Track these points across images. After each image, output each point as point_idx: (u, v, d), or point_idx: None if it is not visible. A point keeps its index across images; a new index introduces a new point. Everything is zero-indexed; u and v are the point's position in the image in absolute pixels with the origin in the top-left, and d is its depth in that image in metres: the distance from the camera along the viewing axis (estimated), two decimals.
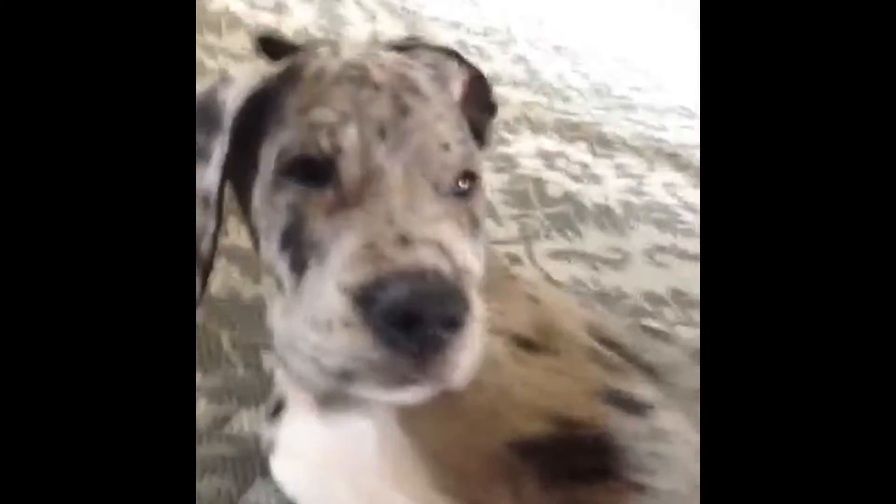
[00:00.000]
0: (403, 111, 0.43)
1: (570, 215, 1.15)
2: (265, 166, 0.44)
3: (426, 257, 0.36)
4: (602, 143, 1.47)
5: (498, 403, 0.41)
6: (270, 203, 0.43)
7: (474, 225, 0.45)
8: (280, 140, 0.43)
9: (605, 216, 1.19)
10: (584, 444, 0.40)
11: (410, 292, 0.34)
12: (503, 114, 1.41)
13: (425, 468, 0.42)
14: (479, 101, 0.53)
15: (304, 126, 0.42)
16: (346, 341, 0.36)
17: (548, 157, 1.31)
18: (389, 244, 0.36)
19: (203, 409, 0.62)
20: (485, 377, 0.41)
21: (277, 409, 0.51)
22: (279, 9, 1.43)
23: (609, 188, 1.29)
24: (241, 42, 1.25)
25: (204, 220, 0.44)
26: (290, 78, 0.45)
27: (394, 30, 1.62)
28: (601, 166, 1.37)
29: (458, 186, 0.44)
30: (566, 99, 1.64)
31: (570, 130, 1.48)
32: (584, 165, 1.34)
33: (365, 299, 0.35)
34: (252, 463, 0.56)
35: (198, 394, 0.62)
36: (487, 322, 0.44)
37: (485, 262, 0.53)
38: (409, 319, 0.34)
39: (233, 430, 0.61)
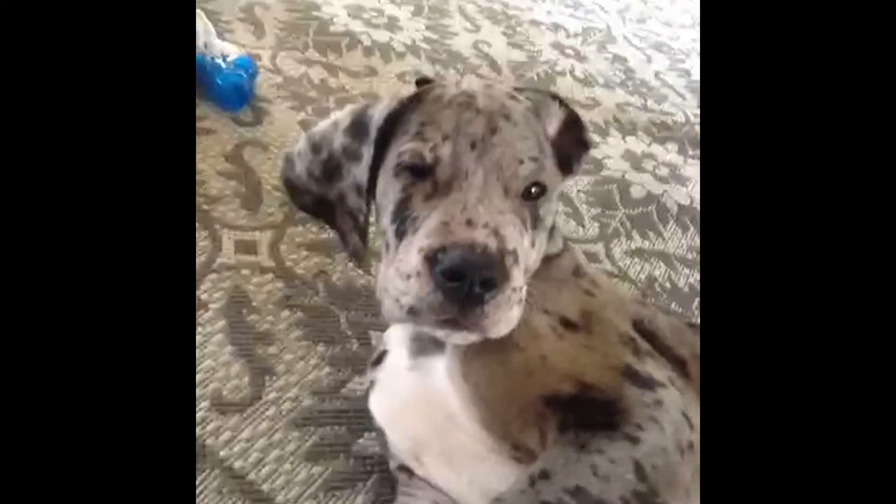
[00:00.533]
0: (493, 130, 0.57)
1: (652, 216, 1.21)
2: (390, 161, 0.59)
3: (479, 236, 0.50)
4: (694, 143, 1.49)
5: (536, 365, 0.52)
6: (389, 185, 0.58)
7: (537, 223, 0.58)
8: (402, 144, 0.58)
9: (687, 217, 1.24)
10: (596, 403, 0.50)
11: (460, 257, 0.48)
12: (594, 116, 1.48)
13: (477, 409, 0.55)
14: (572, 138, 0.66)
15: (418, 139, 0.57)
16: (417, 287, 0.50)
17: (635, 159, 1.36)
18: (458, 224, 0.51)
19: (326, 373, 0.78)
20: (528, 344, 0.53)
21: (379, 359, 0.65)
22: (392, 25, 1.58)
23: (695, 189, 1.33)
24: (358, 61, 1.41)
25: (357, 203, 0.62)
26: (417, 100, 0.61)
27: (495, 35, 1.72)
28: (690, 167, 1.40)
29: (528, 192, 0.57)
30: (662, 98, 1.66)
31: (662, 131, 1.51)
32: (673, 166, 1.38)
33: (432, 259, 0.49)
34: (363, 417, 0.71)
35: (322, 362, 0.79)
36: (540, 303, 0.56)
37: (557, 258, 0.65)
38: (457, 275, 0.48)
39: (348, 390, 0.77)
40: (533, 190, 0.57)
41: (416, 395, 0.60)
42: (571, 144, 0.66)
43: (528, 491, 0.47)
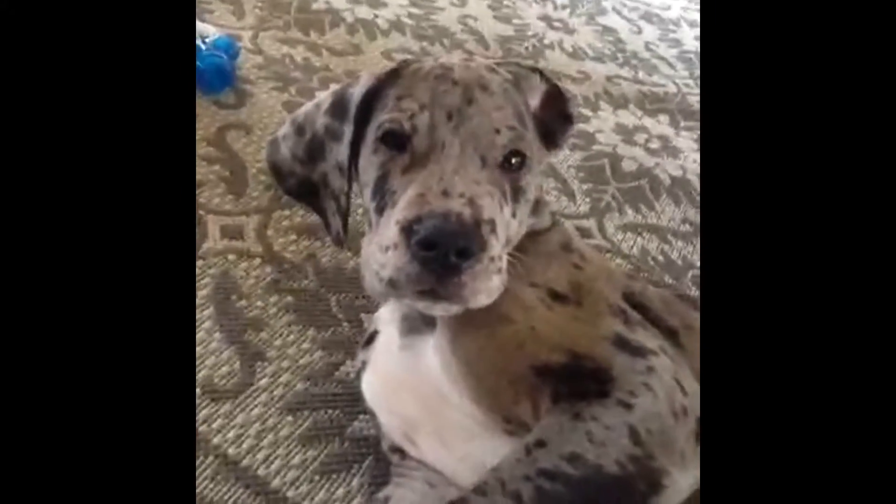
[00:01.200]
0: (469, 101, 0.56)
1: (644, 190, 1.20)
2: (369, 136, 0.59)
3: (454, 205, 0.50)
4: (686, 114, 1.48)
5: (526, 337, 0.52)
6: (369, 162, 0.58)
7: (517, 193, 0.58)
8: (380, 118, 0.58)
9: (680, 189, 1.23)
10: (587, 372, 0.50)
11: (434, 226, 0.48)
12: (584, 90, 1.46)
13: (468, 384, 0.54)
14: (556, 111, 0.65)
15: (395, 109, 0.57)
16: (394, 258, 0.50)
17: (626, 132, 1.35)
18: (434, 195, 0.51)
19: (318, 357, 0.77)
20: (518, 316, 0.53)
21: (370, 339, 0.65)
22: (375, 1, 1.55)
23: (688, 161, 1.32)
24: (341, 39, 1.38)
25: (340, 183, 0.63)
26: (396, 75, 0.61)
27: (481, 9, 1.69)
28: (682, 139, 1.38)
29: (508, 163, 0.57)
30: (652, 70, 1.64)
31: (653, 103, 1.49)
32: (664, 139, 1.37)
33: (408, 230, 0.49)
34: (356, 400, 0.70)
35: (313, 346, 0.78)
36: (529, 276, 0.55)
37: (546, 233, 0.64)
38: (431, 245, 0.48)
39: (341, 374, 0.76)
40: (513, 161, 0.57)
41: (407, 375, 0.59)
42: (555, 118, 0.65)
43: (524, 460, 0.47)
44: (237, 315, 0.78)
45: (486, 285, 0.51)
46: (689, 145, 1.37)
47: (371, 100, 0.61)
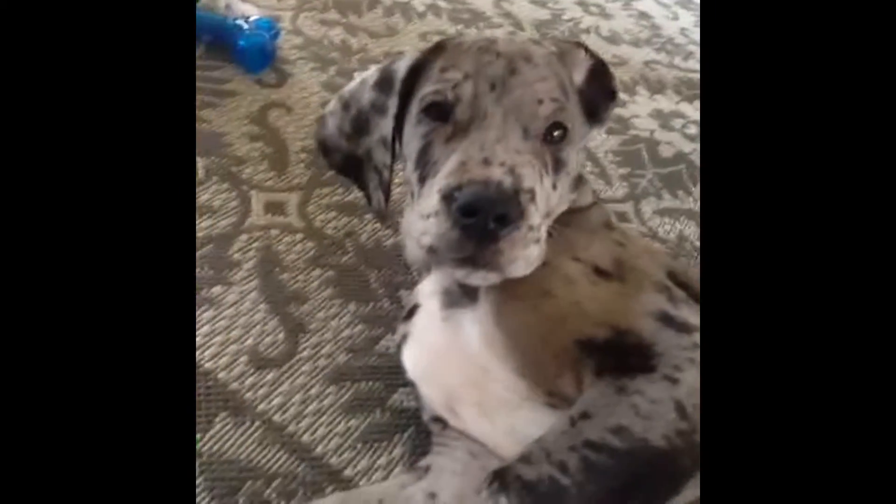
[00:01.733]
0: (512, 72, 0.57)
1: (681, 175, 1.19)
2: (413, 109, 0.60)
3: (495, 173, 0.50)
4: None
5: (570, 311, 0.52)
6: (413, 133, 0.59)
7: (558, 165, 0.58)
8: (424, 90, 0.59)
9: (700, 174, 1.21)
10: (631, 347, 0.50)
11: (474, 193, 0.49)
12: (621, 75, 1.44)
13: (512, 357, 0.55)
14: (600, 86, 0.65)
15: (439, 81, 0.58)
16: (435, 225, 0.51)
17: (663, 118, 1.33)
18: (475, 163, 0.51)
19: (358, 331, 0.79)
20: (561, 291, 0.53)
21: (411, 312, 0.66)
22: None
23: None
24: (378, 21, 1.39)
25: (383, 156, 0.64)
26: (439, 49, 0.62)
27: None
28: None
29: (549, 134, 0.57)
30: (688, 55, 1.62)
31: (690, 88, 1.47)
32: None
33: (449, 197, 0.50)
34: (397, 373, 0.71)
35: (354, 319, 0.80)
36: (572, 251, 0.56)
37: (587, 210, 0.64)
38: (471, 211, 0.49)
39: (381, 347, 0.77)
40: (555, 133, 0.57)
41: (449, 347, 0.60)
42: (599, 94, 0.65)
43: (569, 431, 0.47)
44: (281, 288, 0.80)
45: (524, 254, 0.51)
46: None
47: (416, 74, 0.61)
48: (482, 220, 0.49)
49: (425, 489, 0.59)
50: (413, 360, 0.64)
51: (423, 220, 0.52)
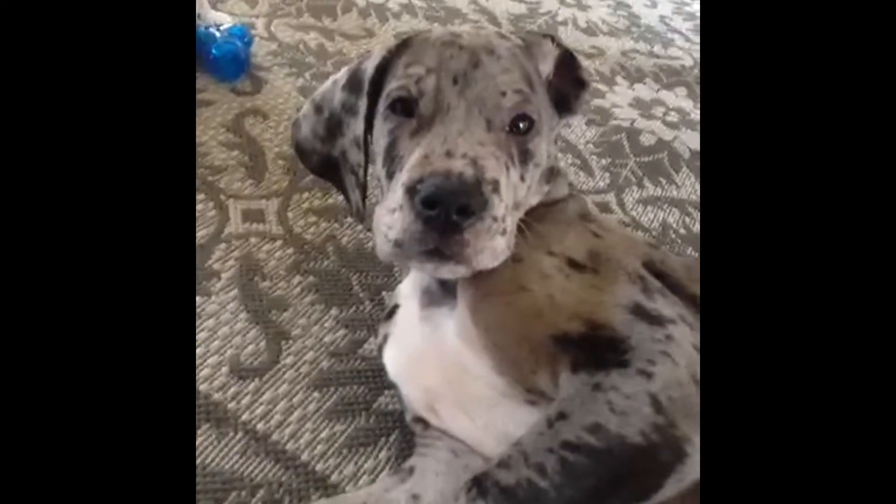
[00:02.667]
0: (475, 65, 0.57)
1: (663, 163, 1.19)
2: (381, 106, 0.60)
3: (456, 165, 0.51)
4: None
5: (544, 306, 0.52)
6: (381, 130, 0.59)
7: (525, 156, 0.58)
8: (389, 87, 0.59)
9: (699, 161, 1.21)
10: (606, 341, 0.49)
11: (435, 185, 0.49)
12: (599, 66, 1.44)
13: (489, 355, 0.54)
14: (569, 77, 0.65)
15: (403, 76, 0.58)
16: (400, 219, 0.51)
17: (643, 106, 1.33)
18: (438, 156, 0.52)
19: (341, 335, 0.78)
20: (535, 285, 0.53)
21: (391, 313, 0.66)
22: None
23: None
24: (354, 23, 1.38)
25: (357, 157, 0.64)
26: (404, 46, 0.62)
27: None
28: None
29: (514, 126, 0.57)
30: (668, 43, 1.62)
31: (670, 76, 1.47)
32: (682, 111, 1.34)
33: (412, 190, 0.50)
34: (381, 376, 0.71)
35: (336, 324, 0.79)
36: (546, 244, 0.55)
37: (563, 203, 0.64)
38: (433, 203, 0.49)
39: (365, 351, 0.77)
40: (521, 125, 0.57)
41: (428, 346, 0.60)
42: (568, 83, 0.65)
43: (546, 432, 0.46)
44: (261, 296, 0.80)
45: (489, 245, 0.51)
46: None
47: (383, 72, 0.61)
48: (444, 211, 0.49)
49: (409, 491, 0.59)
50: (393, 360, 0.64)
51: (389, 215, 0.52)
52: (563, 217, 0.62)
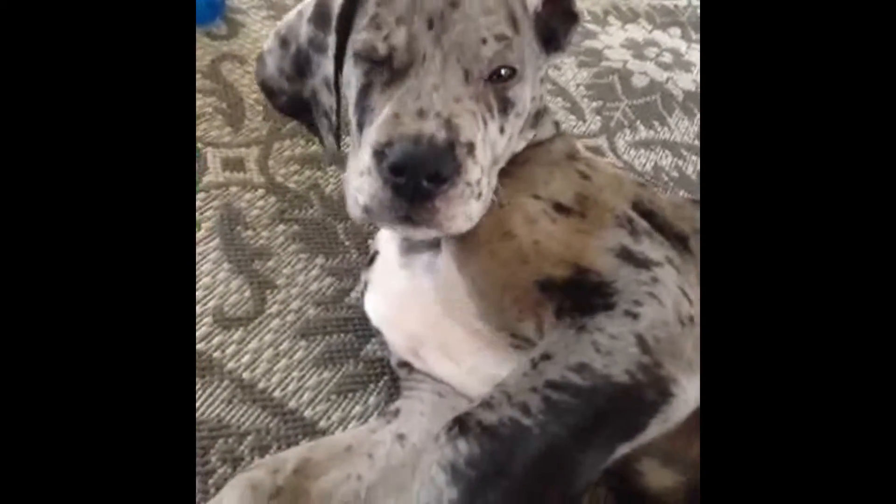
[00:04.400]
0: (453, 4, 0.51)
1: (656, 105, 1.15)
2: (350, 48, 0.55)
3: (427, 128, 0.47)
4: (698, 26, 1.40)
5: (529, 251, 0.50)
6: (351, 73, 0.55)
7: (505, 105, 0.54)
8: (360, 32, 0.53)
9: (693, 103, 1.18)
10: (591, 285, 0.48)
11: (404, 151, 0.46)
12: (591, 6, 1.39)
13: (473, 301, 0.53)
14: (558, 8, 0.60)
15: (371, 26, 0.52)
16: (368, 183, 0.48)
17: (636, 48, 1.29)
18: (409, 115, 0.48)
19: (327, 284, 0.77)
20: (521, 230, 0.51)
21: (372, 259, 0.64)
22: None
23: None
24: None
25: (328, 99, 0.59)
26: None
27: None
28: (695, 52, 1.32)
29: (494, 74, 0.52)
30: None
31: (664, 16, 1.42)
32: (677, 53, 1.30)
33: (380, 154, 0.47)
34: (368, 323, 0.70)
35: (322, 273, 0.78)
36: (531, 188, 0.53)
37: (548, 143, 0.61)
38: (402, 170, 0.46)
39: (351, 299, 0.76)
40: (502, 72, 0.53)
41: (409, 293, 0.58)
42: (558, 16, 0.60)
43: (530, 373, 0.45)
44: (244, 245, 0.78)
45: (462, 210, 0.48)
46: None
47: (353, 5, 0.56)
48: (413, 178, 0.46)
49: (394, 431, 0.58)
50: (375, 306, 0.63)
51: (357, 177, 0.49)
52: (548, 158, 0.59)
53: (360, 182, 0.49)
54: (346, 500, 0.55)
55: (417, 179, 0.46)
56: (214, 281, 0.73)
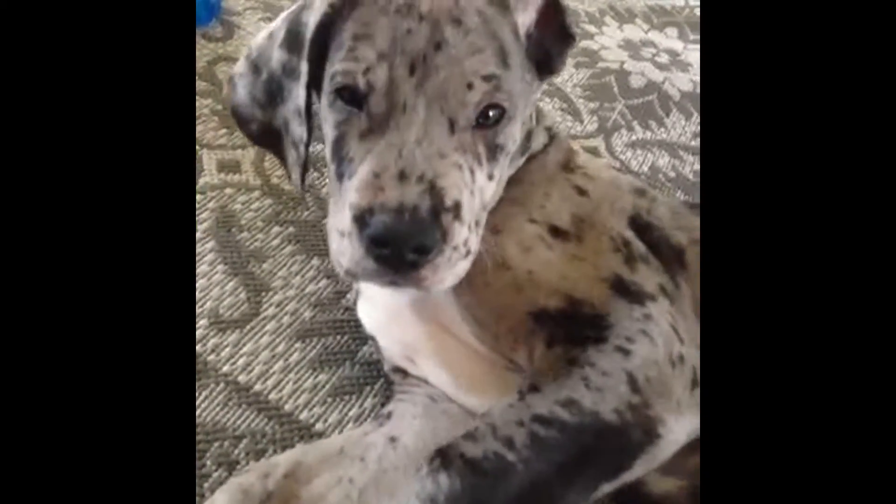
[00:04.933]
0: (437, 45, 0.47)
1: (653, 105, 1.15)
2: (326, 83, 0.50)
3: (409, 196, 0.44)
4: (694, 27, 1.41)
5: (524, 281, 0.50)
6: (327, 113, 0.51)
7: (494, 151, 0.50)
8: (335, 64, 0.49)
9: (690, 103, 1.18)
10: (584, 318, 0.48)
11: (385, 224, 0.43)
12: (587, 6, 1.39)
13: (469, 326, 0.53)
14: (553, 29, 0.55)
15: (349, 58, 0.48)
16: (350, 249, 0.46)
17: (633, 48, 1.29)
18: (390, 177, 0.45)
19: (323, 285, 0.76)
20: (516, 261, 0.50)
21: None
22: None
23: (698, 74, 1.26)
24: None
25: (298, 129, 0.54)
26: (352, 3, 0.50)
27: None
28: (691, 52, 1.32)
29: (483, 116, 0.49)
30: None
31: (661, 16, 1.42)
32: (673, 53, 1.30)
33: (361, 220, 0.44)
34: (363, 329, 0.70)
35: (318, 274, 0.77)
36: (527, 211, 0.53)
37: (542, 155, 0.60)
38: (384, 244, 0.44)
39: (347, 301, 0.75)
40: (490, 114, 0.49)
41: (401, 308, 0.58)
42: (552, 37, 0.55)
43: (517, 405, 0.44)
44: (239, 247, 0.77)
45: (450, 273, 0.46)
46: (698, 58, 1.31)
47: (326, 30, 0.51)
48: (397, 251, 0.44)
49: (386, 434, 0.58)
50: (367, 313, 0.63)
51: (339, 238, 0.46)
52: (543, 175, 0.57)
53: (341, 245, 0.46)
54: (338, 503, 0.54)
55: (401, 253, 0.44)
56: (210, 283, 0.73)
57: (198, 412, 0.63)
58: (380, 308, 0.61)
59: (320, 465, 0.55)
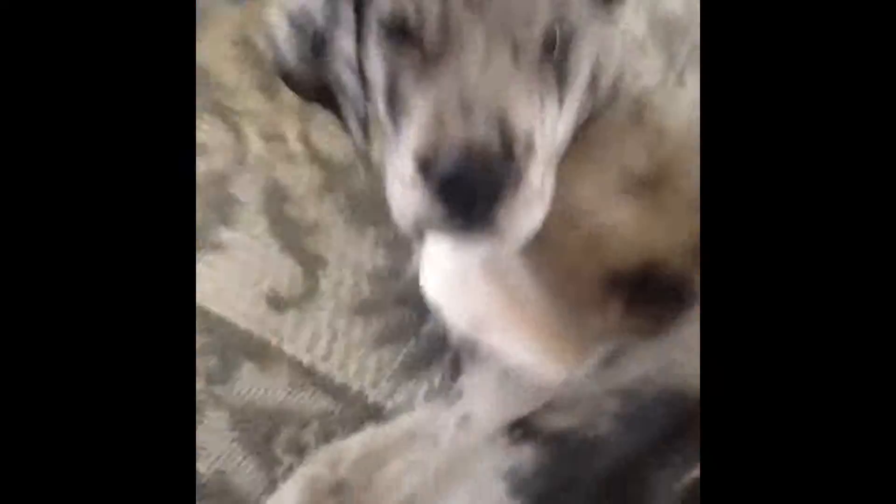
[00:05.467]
0: None
1: None
2: (373, 23, 0.47)
3: (477, 132, 0.40)
4: None
5: (595, 243, 0.46)
6: (375, 55, 0.47)
7: (566, 76, 0.46)
8: (380, 2, 0.46)
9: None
10: (662, 280, 0.44)
11: (456, 167, 0.39)
12: None
13: (537, 291, 0.49)
14: None
15: None
16: (414, 199, 0.42)
17: None
18: (453, 114, 0.41)
19: (381, 257, 0.73)
20: (588, 219, 0.46)
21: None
22: None
23: None
24: None
25: (353, 83, 0.51)
26: None
27: None
28: None
29: (547, 48, 0.44)
30: None
31: None
32: None
33: (425, 166, 0.41)
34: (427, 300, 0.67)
35: (375, 246, 0.74)
36: (598, 161, 0.48)
37: (613, 101, 0.54)
38: (454, 188, 0.40)
39: (408, 273, 0.72)
40: (557, 36, 0.44)
41: (468, 271, 0.54)
42: None
43: (601, 375, 0.41)
44: (292, 222, 0.75)
45: (527, 219, 0.42)
46: None
47: None
48: (469, 194, 0.40)
49: (458, 413, 0.56)
50: (431, 284, 0.59)
51: (401, 188, 0.43)
52: (610, 125, 0.53)
53: (404, 195, 0.43)
54: (414, 490, 0.52)
55: (473, 195, 0.40)
56: (265, 261, 0.71)
57: (264, 396, 0.61)
58: (445, 275, 0.57)
59: (391, 450, 0.54)
